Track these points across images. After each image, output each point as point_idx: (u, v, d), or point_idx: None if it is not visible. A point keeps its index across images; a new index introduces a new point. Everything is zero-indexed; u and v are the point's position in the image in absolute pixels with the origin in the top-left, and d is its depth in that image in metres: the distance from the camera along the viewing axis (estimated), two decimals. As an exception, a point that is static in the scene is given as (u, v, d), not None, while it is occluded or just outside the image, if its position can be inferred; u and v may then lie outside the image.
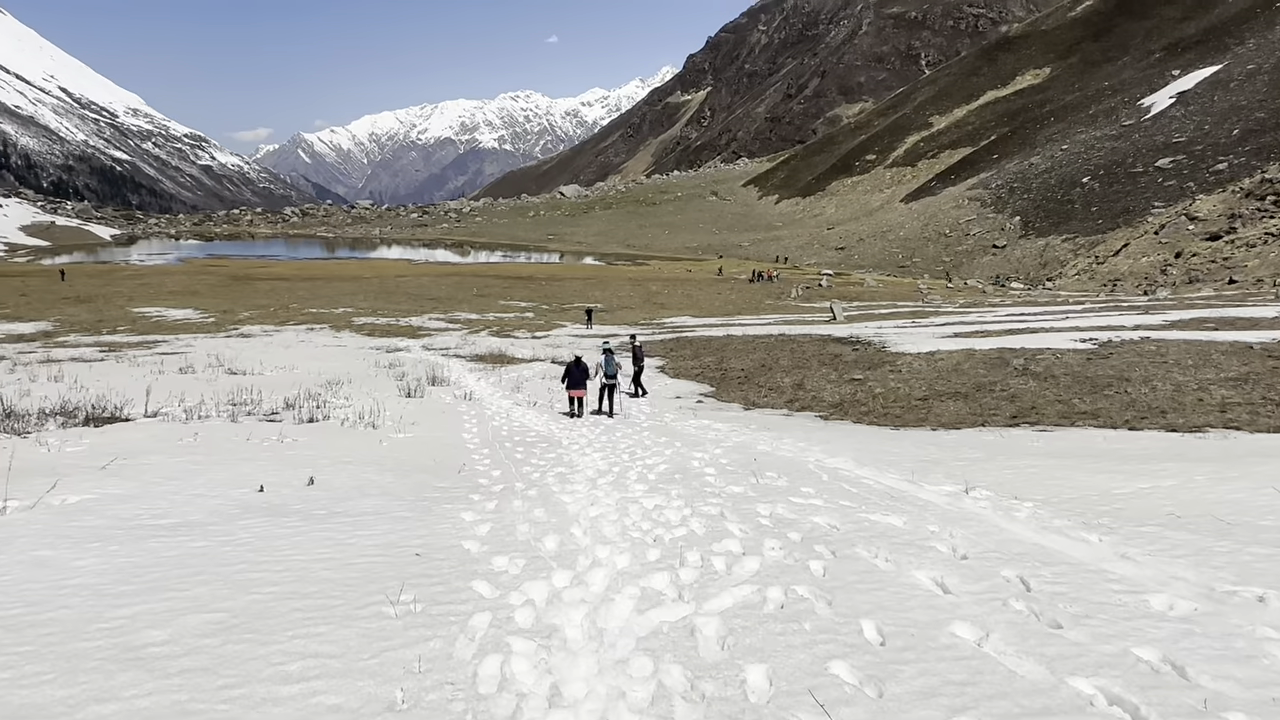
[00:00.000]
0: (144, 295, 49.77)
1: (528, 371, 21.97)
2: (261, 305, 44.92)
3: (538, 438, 12.32)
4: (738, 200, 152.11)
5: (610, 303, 50.58)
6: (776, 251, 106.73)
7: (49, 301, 45.36)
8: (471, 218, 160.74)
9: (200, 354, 24.00)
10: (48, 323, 36.28)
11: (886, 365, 18.42)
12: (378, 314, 41.44)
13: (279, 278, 66.48)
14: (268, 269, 76.89)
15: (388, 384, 17.97)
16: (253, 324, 36.58)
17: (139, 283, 59.16)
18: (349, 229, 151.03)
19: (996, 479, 7.83)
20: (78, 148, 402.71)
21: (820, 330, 29.48)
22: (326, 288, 57.40)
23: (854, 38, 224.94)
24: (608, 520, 6.55)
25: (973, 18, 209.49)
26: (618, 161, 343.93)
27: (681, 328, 36.04)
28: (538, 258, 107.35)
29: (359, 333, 33.66)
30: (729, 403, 16.92)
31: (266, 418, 12.93)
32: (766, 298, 55.96)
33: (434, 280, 64.53)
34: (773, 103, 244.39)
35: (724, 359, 22.75)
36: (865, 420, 13.84)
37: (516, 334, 34.12)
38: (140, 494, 7.32)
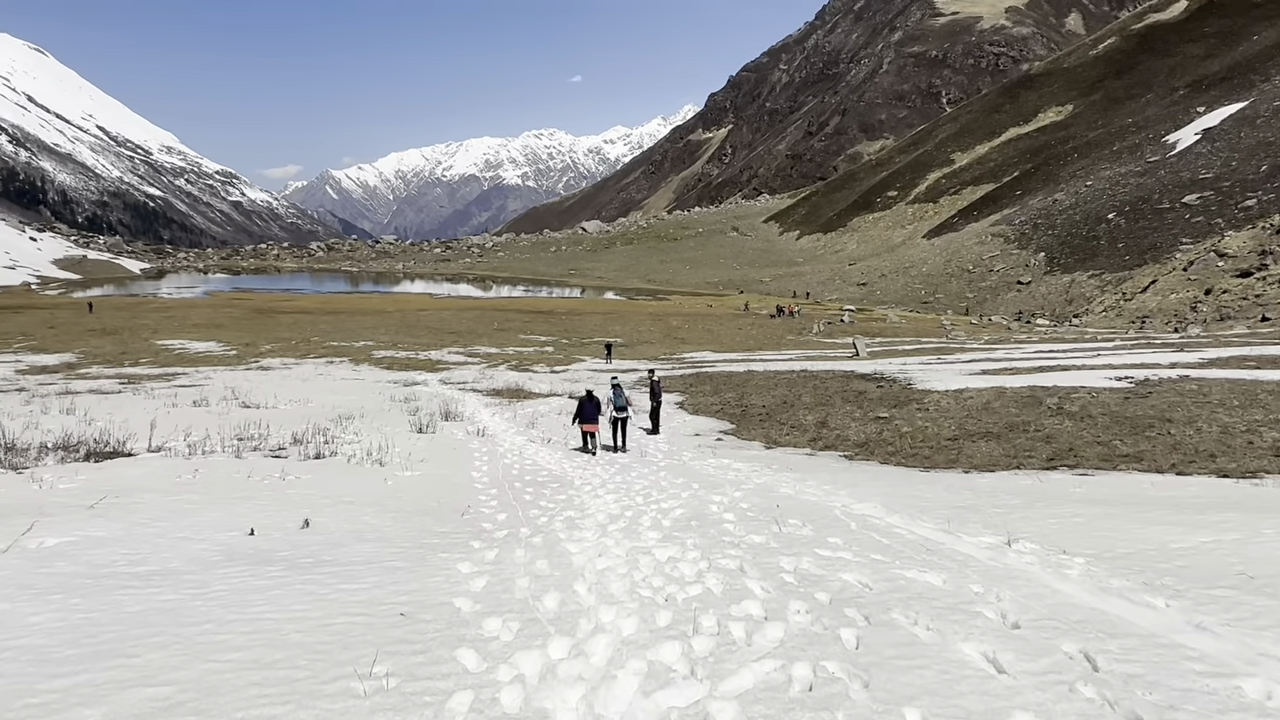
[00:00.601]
0: (169, 328, 49.94)
1: (544, 407, 21.50)
2: (283, 338, 44.85)
3: (549, 477, 11.79)
4: (759, 236, 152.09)
5: (630, 337, 50.14)
6: (797, 287, 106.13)
7: (75, 334, 45.59)
8: (494, 253, 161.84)
9: (217, 387, 23.78)
10: (72, 354, 36.36)
11: (913, 403, 17.76)
12: (398, 347, 41.25)
13: (302, 311, 66.70)
14: (291, 302, 77.25)
15: (400, 419, 17.56)
16: (273, 357, 36.46)
17: (164, 315, 59.51)
18: (373, 263, 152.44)
19: (1040, 529, 7.20)
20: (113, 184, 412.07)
21: (843, 366, 28.85)
22: (348, 321, 57.40)
23: (875, 76, 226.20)
24: (616, 574, 5.99)
25: (993, 56, 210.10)
26: (639, 198, 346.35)
27: (702, 363, 35.49)
28: (559, 292, 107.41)
29: (378, 366, 33.41)
30: (750, 441, 16.34)
31: (272, 453, 12.54)
32: (788, 333, 55.20)
33: (455, 314, 64.45)
34: (793, 140, 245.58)
35: (745, 395, 22.16)
36: (893, 461, 13.20)
37: (535, 368, 33.72)
38: (123, 537, 6.88)
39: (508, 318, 62.20)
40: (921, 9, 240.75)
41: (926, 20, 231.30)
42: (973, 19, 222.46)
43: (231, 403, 20.29)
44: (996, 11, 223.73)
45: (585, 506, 9.19)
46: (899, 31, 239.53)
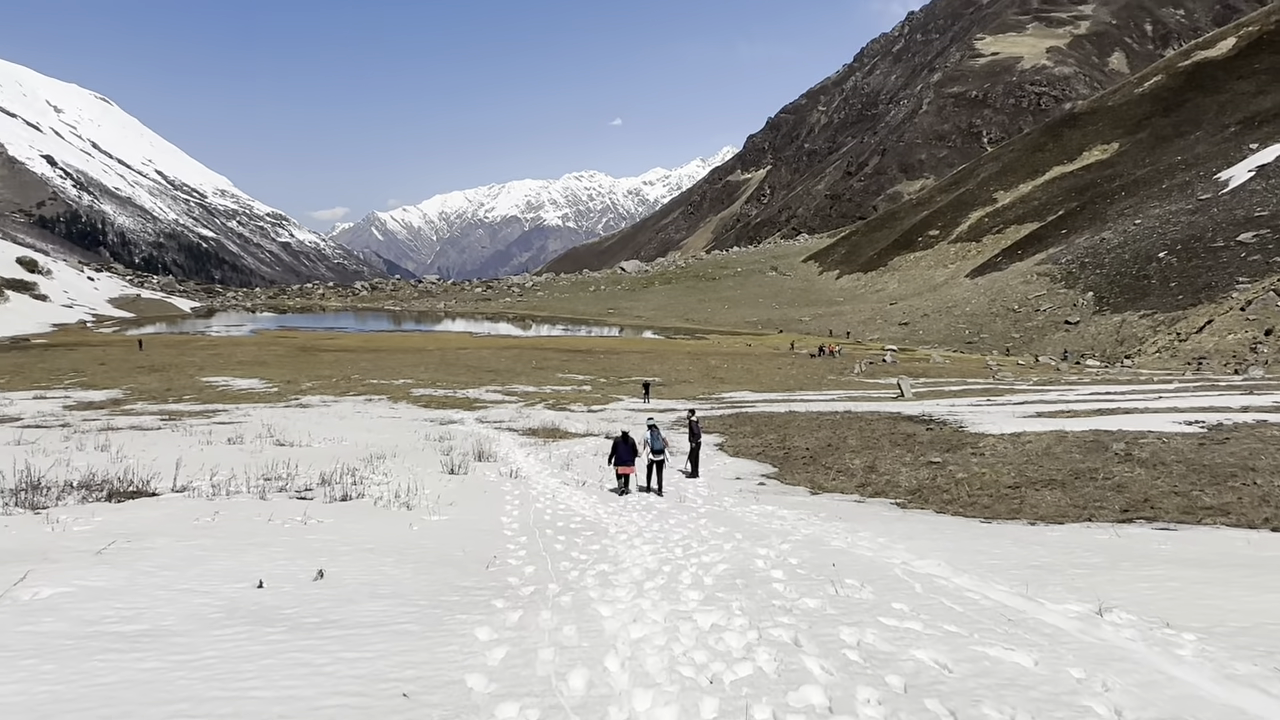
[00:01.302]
0: (214, 365, 50.45)
1: (579, 447, 20.91)
2: (324, 376, 44.95)
3: (583, 524, 11.12)
4: (798, 275, 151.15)
5: (668, 376, 49.63)
6: (837, 326, 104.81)
7: (124, 370, 46.21)
8: (534, 292, 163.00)
9: (255, 424, 23.58)
10: (119, 390, 36.71)
11: (967, 447, 16.81)
12: (436, 385, 41.11)
13: (344, 349, 67.22)
14: (334, 341, 77.99)
15: (433, 459, 17.08)
16: (313, 394, 36.46)
17: (211, 353, 60.30)
18: (415, 302, 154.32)
19: (1132, 595, 6.35)
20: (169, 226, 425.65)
21: (888, 407, 27.90)
22: (389, 359, 57.59)
23: (914, 116, 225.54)
24: (652, 646, 5.28)
25: (1035, 95, 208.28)
26: (678, 238, 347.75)
27: (741, 403, 34.79)
28: (597, 331, 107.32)
29: (415, 404, 33.23)
30: (794, 485, 15.52)
31: (297, 495, 12.09)
32: (829, 373, 54.19)
33: (494, 353, 64.44)
34: (832, 180, 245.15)
35: (787, 437, 21.34)
36: (949, 510, 12.31)
37: (572, 407, 33.27)
38: (123, 588, 6.37)
39: (546, 356, 61.98)
40: (961, 50, 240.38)
41: (966, 61, 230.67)
42: (1013, 59, 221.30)
43: (266, 440, 20.02)
44: (1037, 52, 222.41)
45: (620, 559, 8.50)
46: (938, 72, 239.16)
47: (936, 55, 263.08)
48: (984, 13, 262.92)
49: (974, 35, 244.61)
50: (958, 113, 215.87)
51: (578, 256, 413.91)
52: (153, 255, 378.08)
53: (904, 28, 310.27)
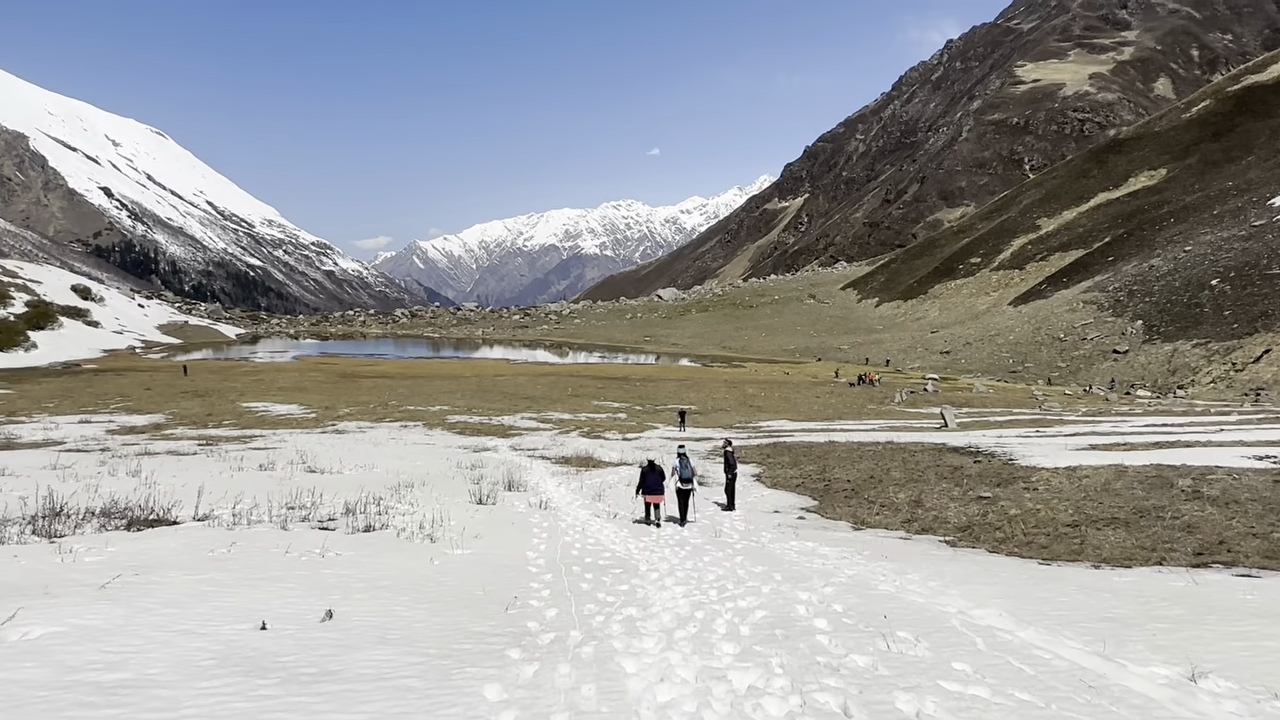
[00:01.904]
0: (255, 391, 50.96)
1: (612, 477, 20.36)
2: (362, 402, 45.10)
3: (612, 560, 10.55)
4: (836, 303, 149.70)
5: (705, 404, 49.11)
6: (877, 354, 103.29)
7: (168, 395, 46.84)
8: (571, 319, 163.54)
9: (289, 450, 23.53)
10: (162, 415, 37.13)
11: (1019, 481, 15.93)
12: (472, 412, 41.06)
13: (383, 375, 67.67)
14: (373, 367, 78.63)
15: (462, 487, 16.69)
16: (350, 420, 36.56)
17: (253, 379, 61.05)
18: (454, 329, 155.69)
19: (1226, 657, 5.60)
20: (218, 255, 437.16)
21: (932, 438, 27.00)
22: (426, 386, 57.78)
23: (954, 144, 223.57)
24: (681, 713, 4.67)
25: (1078, 122, 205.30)
26: (715, 266, 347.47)
27: (779, 432, 34.07)
28: (633, 359, 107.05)
29: (450, 431, 33.13)
30: (835, 520, 14.79)
31: (320, 525, 11.72)
32: (869, 402, 53.14)
33: (530, 380, 64.46)
34: (871, 208, 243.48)
35: (827, 468, 20.58)
36: (1003, 550, 11.51)
37: (607, 435, 32.88)
38: (119, 628, 5.96)
39: (582, 383, 61.78)
40: (1001, 77, 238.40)
41: (1007, 88, 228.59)
42: (1055, 86, 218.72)
43: (297, 467, 19.86)
44: (1080, 78, 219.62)
45: (649, 601, 7.90)
46: (978, 100, 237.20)
47: (976, 83, 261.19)
48: (1024, 40, 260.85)
49: (1014, 62, 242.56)
50: (998, 140, 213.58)
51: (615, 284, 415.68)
52: (202, 283, 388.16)
53: (943, 56, 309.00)
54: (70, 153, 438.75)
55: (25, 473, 17.72)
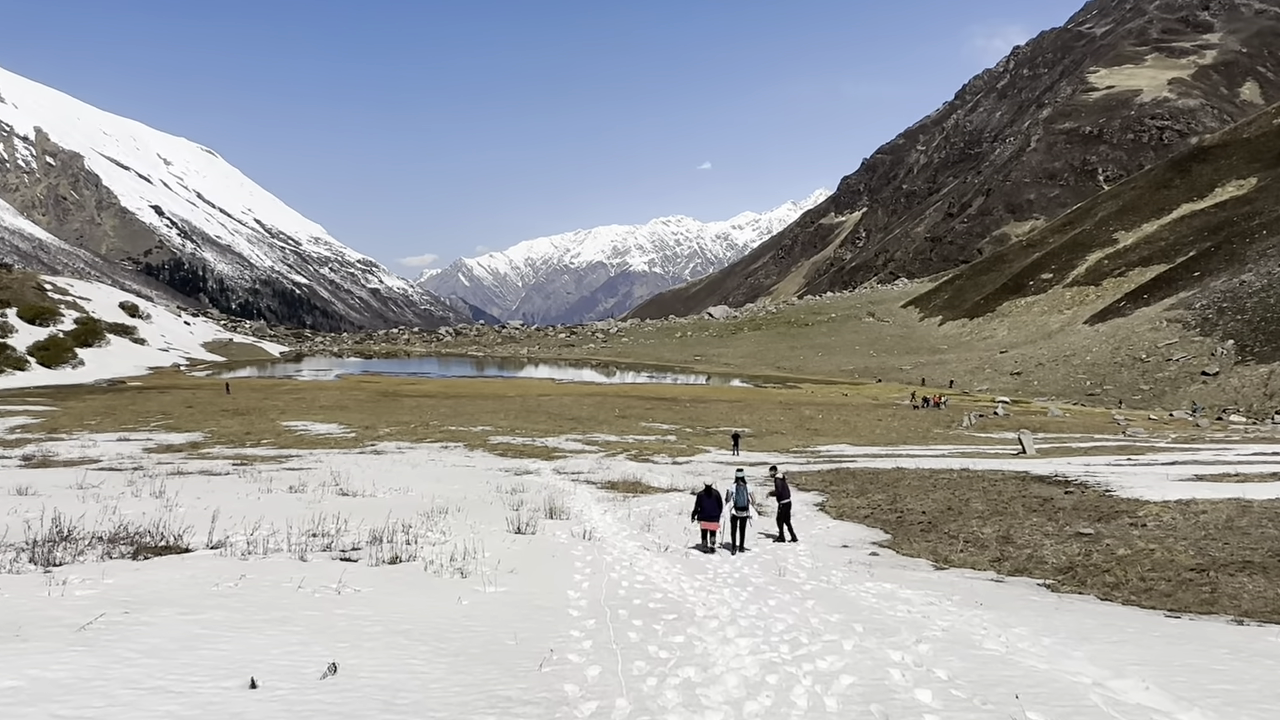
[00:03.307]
0: (296, 409, 51.40)
1: (662, 504, 19.46)
2: (403, 422, 45.18)
3: (664, 602, 9.58)
4: (897, 321, 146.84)
5: (759, 427, 48.19)
6: (940, 376, 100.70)
7: (209, 413, 47.48)
8: (618, 338, 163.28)
9: (323, 471, 23.31)
10: (200, 433, 37.53)
11: (1123, 516, 14.56)
12: (515, 433, 40.88)
13: (425, 395, 68.01)
14: (416, 386, 79.19)
15: (500, 514, 16.00)
16: (389, 440, 36.61)
17: (294, 397, 61.76)
18: (499, 348, 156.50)
19: None
20: (264, 273, 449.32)
21: (1011, 465, 25.59)
22: (469, 405, 57.81)
23: (1022, 154, 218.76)
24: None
25: (1156, 130, 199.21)
26: (768, 283, 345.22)
27: (840, 457, 32.98)
28: (683, 379, 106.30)
29: (492, 452, 32.94)
30: (912, 557, 13.65)
31: (342, 555, 11.01)
32: (934, 426, 51.57)
33: (576, 400, 64.19)
34: (933, 222, 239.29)
35: (898, 497, 19.39)
36: (1117, 597, 10.25)
37: (656, 458, 32.22)
38: (83, 683, 5.21)
39: (629, 404, 61.20)
40: (1073, 84, 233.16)
41: (1079, 95, 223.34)
42: (1131, 92, 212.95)
43: (328, 489, 19.52)
44: (1158, 84, 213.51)
45: (710, 659, 6.88)
46: (1048, 108, 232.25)
47: (1045, 90, 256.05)
48: (1097, 45, 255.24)
49: (1087, 68, 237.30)
50: (1070, 149, 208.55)
51: (664, 302, 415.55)
52: (248, 301, 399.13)
53: (1009, 63, 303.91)
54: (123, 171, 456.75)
55: (49, 492, 17.53)
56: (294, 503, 16.74)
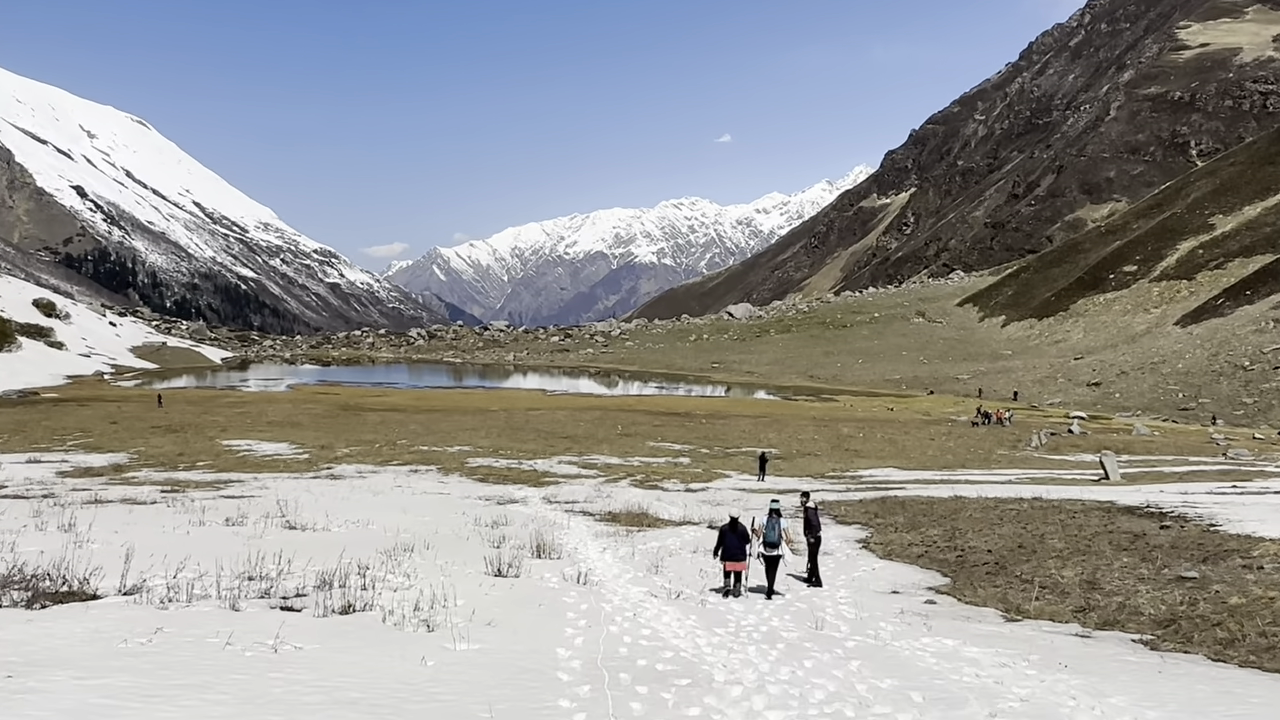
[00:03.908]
0: (239, 426, 51.76)
1: (674, 540, 19.29)
2: (366, 440, 45.60)
3: (675, 664, 9.25)
4: (951, 322, 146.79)
5: (789, 447, 48.33)
6: (1003, 386, 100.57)
7: (137, 431, 47.74)
8: (621, 341, 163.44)
9: (268, 500, 23.32)
10: (126, 455, 37.73)
11: (1234, 556, 14.22)
12: (498, 454, 41.27)
13: (392, 409, 68.36)
14: (381, 398, 79.59)
15: (477, 552, 15.89)
16: (349, 463, 37.01)
17: (238, 411, 62.12)
18: (480, 353, 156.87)
19: None
20: (205, 264, 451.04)
21: (1092, 494, 25.36)
22: (445, 421, 58.34)
23: (1099, 125, 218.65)
24: None
25: (1259, 95, 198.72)
26: (799, 277, 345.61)
27: (886, 483, 32.95)
28: (698, 390, 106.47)
29: (470, 477, 33.23)
30: (977, 605, 13.36)
31: (282, 603, 10.77)
32: (997, 446, 51.53)
33: (571, 415, 64.60)
34: (994, 205, 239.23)
35: (957, 532, 19.14)
36: (1232, 657, 9.89)
37: (666, 485, 32.38)
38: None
39: (635, 420, 61.42)
40: (1159, 42, 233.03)
41: (1166, 55, 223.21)
42: (1228, 51, 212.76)
43: (273, 522, 19.45)
44: (1261, 41, 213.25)
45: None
46: (1129, 70, 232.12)
47: (1127, 49, 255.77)
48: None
49: (1176, 23, 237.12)
50: (1156, 119, 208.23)
51: (675, 299, 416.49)
52: (186, 298, 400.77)
53: (1083, 17, 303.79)
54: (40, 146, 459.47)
55: (-66, 526, 17.32)
56: (230, 538, 16.60)
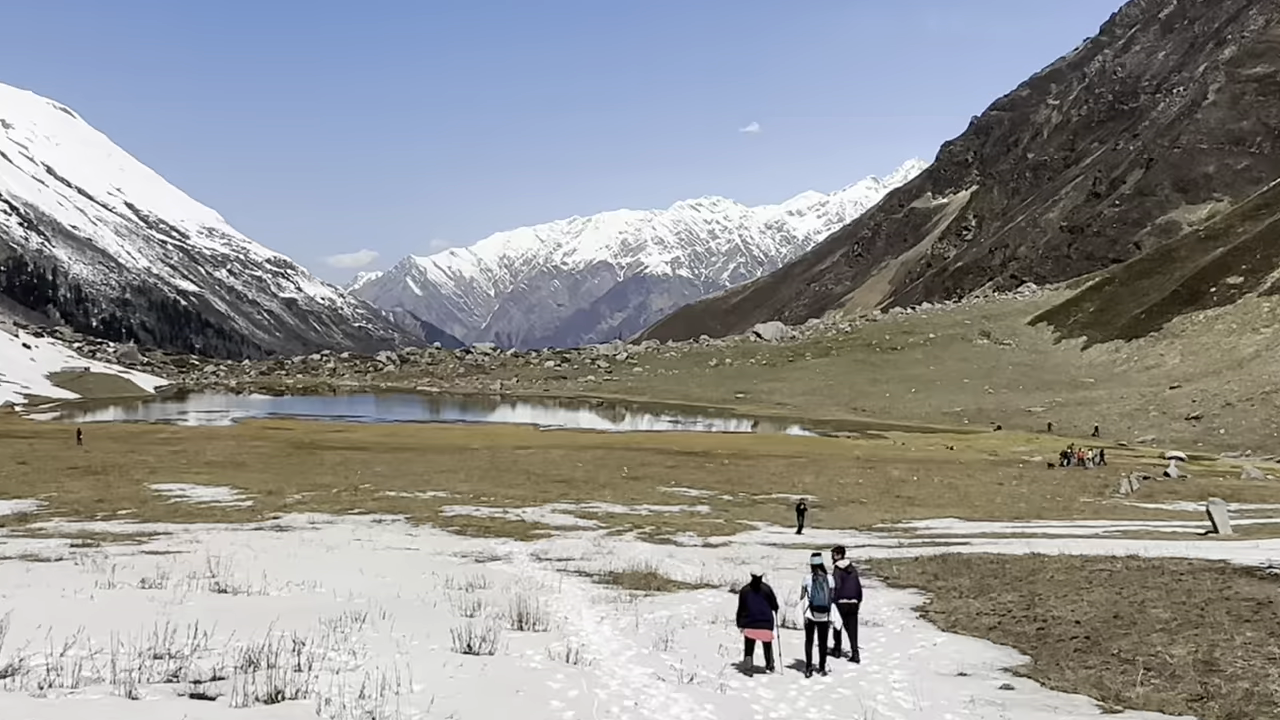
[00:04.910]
0: (172, 467, 52.27)
1: (689, 608, 18.85)
2: (322, 485, 46.01)
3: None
4: (1022, 344, 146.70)
5: (829, 494, 48.51)
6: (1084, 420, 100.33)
7: (50, 473, 48.08)
8: (628, 367, 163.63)
9: (196, 557, 23.14)
10: (34, 501, 37.93)
11: (1386, 631, 13.64)
12: (480, 501, 41.62)
13: (356, 447, 68.90)
14: (343, 434, 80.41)
15: (444, 621, 15.49)
16: (300, 511, 36.98)
17: (172, 449, 62.57)
18: (460, 381, 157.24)
19: None
20: (138, 276, 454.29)
21: (1199, 551, 24.79)
22: (418, 462, 59.11)
23: (1196, 110, 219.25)
24: None
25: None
26: (839, 291, 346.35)
27: (946, 537, 32.61)
28: (720, 425, 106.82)
29: (445, 529, 33.32)
30: (1067, 692, 12.84)
31: (192, 689, 10.37)
32: (1080, 492, 51.47)
33: (567, 454, 65.26)
34: (1071, 205, 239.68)
35: (1036, 598, 18.65)
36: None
37: (680, 539, 32.25)
38: None
39: (644, 460, 61.93)
40: (1265, 12, 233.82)
41: (1274, 28, 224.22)
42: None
43: (200, 583, 19.22)
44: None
45: None
46: (1230, 46, 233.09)
47: (1227, 21, 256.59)
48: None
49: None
50: (1263, 104, 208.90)
51: (693, 317, 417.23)
52: (115, 315, 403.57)
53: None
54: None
55: None
56: (142, 603, 16.26)
